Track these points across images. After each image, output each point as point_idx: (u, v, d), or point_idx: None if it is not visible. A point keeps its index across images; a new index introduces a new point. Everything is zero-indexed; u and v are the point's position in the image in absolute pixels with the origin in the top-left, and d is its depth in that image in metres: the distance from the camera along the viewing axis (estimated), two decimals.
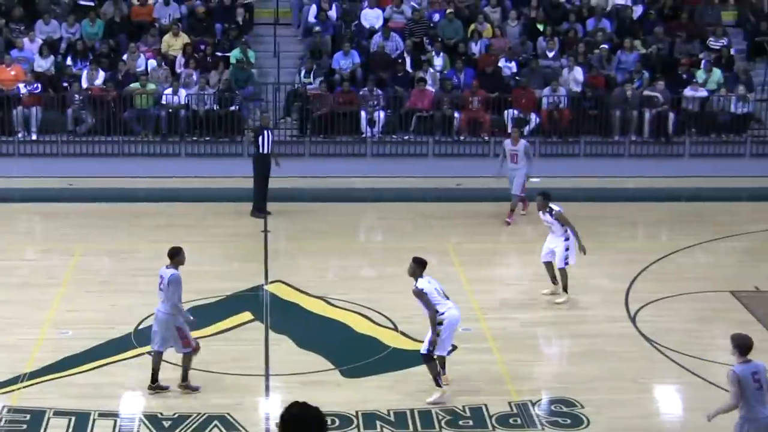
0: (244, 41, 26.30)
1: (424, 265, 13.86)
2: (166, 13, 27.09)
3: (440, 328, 13.64)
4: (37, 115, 24.67)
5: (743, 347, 11.24)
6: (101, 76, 25.21)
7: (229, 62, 25.84)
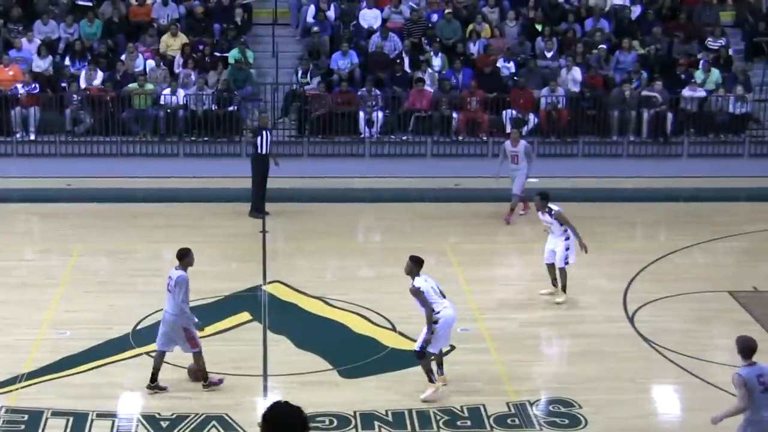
0: (242, 41, 26.28)
1: (420, 263, 13.87)
2: (164, 13, 27.09)
3: (435, 326, 13.66)
4: (35, 115, 24.66)
5: (747, 350, 11.23)
6: (99, 76, 25.20)
7: (227, 62, 25.83)
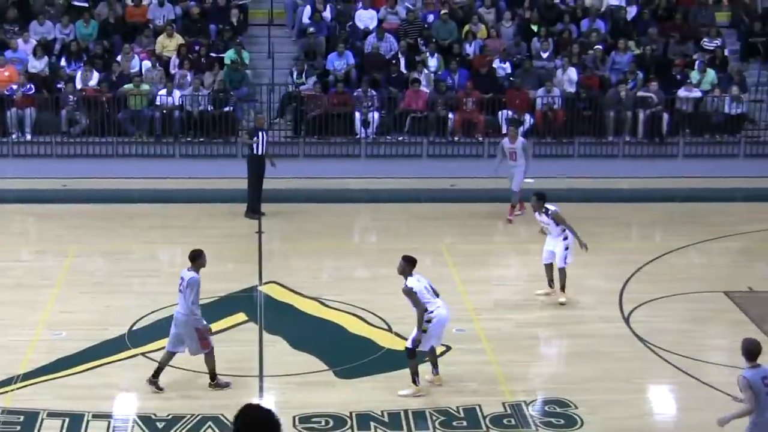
0: (238, 42, 26.27)
1: (413, 263, 13.87)
2: (160, 14, 27.07)
3: (429, 325, 13.66)
4: (31, 116, 24.65)
5: (750, 353, 11.23)
6: (95, 77, 25.19)
7: (223, 63, 25.82)
